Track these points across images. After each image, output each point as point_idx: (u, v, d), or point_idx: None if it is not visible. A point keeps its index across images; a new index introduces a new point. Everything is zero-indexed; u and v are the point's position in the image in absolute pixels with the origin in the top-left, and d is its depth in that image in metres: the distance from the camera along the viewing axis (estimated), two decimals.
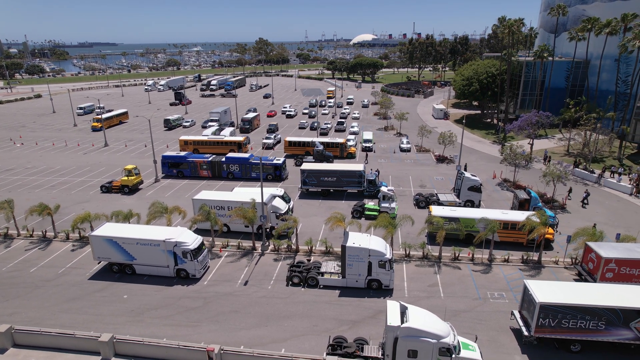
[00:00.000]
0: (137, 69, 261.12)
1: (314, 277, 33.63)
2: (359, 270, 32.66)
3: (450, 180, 58.12)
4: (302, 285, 33.85)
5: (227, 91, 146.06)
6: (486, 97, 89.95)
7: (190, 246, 33.83)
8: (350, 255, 32.33)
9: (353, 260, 32.42)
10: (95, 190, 55.54)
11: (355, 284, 33.23)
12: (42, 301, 32.66)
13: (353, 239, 33.16)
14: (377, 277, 32.73)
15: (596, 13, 79.03)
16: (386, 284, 32.92)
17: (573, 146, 69.32)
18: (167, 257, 34.01)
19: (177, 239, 34.02)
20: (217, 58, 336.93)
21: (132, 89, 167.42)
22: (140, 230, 35.79)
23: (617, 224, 43.65)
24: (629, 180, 54.72)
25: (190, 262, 34.01)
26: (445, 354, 22.75)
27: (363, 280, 33.01)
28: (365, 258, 32.19)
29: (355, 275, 32.90)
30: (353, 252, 32.27)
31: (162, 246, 33.82)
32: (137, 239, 34.17)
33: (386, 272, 32.48)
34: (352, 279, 33.12)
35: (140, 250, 34.22)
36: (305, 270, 34.36)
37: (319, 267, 34.89)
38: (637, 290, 27.13)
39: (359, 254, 32.22)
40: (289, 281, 34.32)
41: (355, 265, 32.54)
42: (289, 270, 34.68)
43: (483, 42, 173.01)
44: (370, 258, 32.15)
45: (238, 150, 69.77)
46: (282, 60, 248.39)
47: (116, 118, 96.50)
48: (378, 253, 32.21)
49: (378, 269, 32.40)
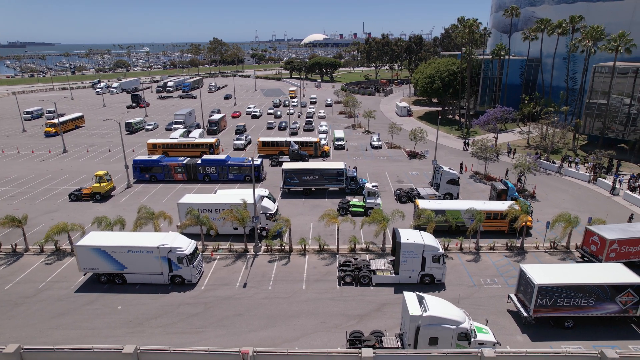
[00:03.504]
0: (83, 71, 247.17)
1: (367, 275, 33.56)
2: (412, 266, 32.90)
3: (425, 175, 60.17)
4: (355, 284, 33.69)
5: (186, 92, 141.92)
6: (448, 94, 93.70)
7: (186, 251, 32.86)
8: (405, 252, 32.48)
9: (407, 257, 32.58)
10: (62, 199, 52.24)
11: (408, 279, 33.40)
12: (26, 319, 30.44)
13: (406, 236, 33.29)
14: (431, 271, 33.11)
15: (544, 15, 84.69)
16: (439, 278, 33.35)
17: (532, 139, 73.94)
18: (161, 263, 32.81)
19: (171, 244, 32.90)
20: (167, 59, 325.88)
21: (81, 91, 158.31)
22: (130, 238, 34.22)
23: (583, 209, 47.12)
24: (585, 169, 59.24)
25: (186, 267, 33.02)
26: (463, 339, 23.75)
27: (416, 276, 33.22)
28: (419, 253, 32.47)
29: (409, 271, 33.11)
30: (408, 249, 32.44)
31: (155, 253, 32.58)
32: (127, 246, 32.68)
33: (439, 267, 32.98)
34: (406, 275, 33.27)
35: (132, 259, 32.75)
36: (356, 269, 34.20)
37: (368, 265, 34.88)
38: (619, 268, 29.72)
39: (414, 250, 32.43)
40: (341, 280, 33.97)
41: (409, 261, 32.75)
42: (340, 270, 34.38)
43: (437, 42, 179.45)
44: (424, 253, 32.50)
45: (210, 152, 68.22)
46: (238, 60, 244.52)
47: (71, 122, 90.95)
48: (432, 248, 32.61)
49: (432, 264, 32.80)
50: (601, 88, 67.97)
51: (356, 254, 38.78)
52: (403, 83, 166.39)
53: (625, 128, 67.27)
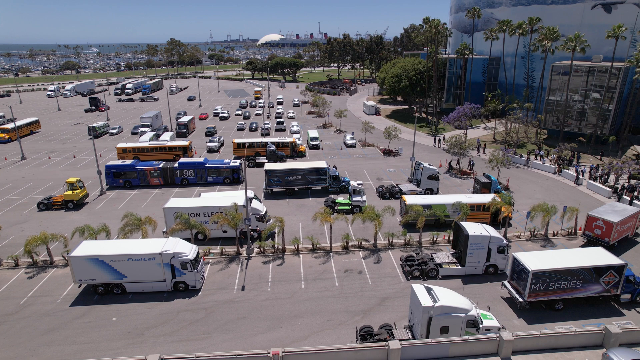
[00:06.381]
0: (28, 73, 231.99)
1: (434, 268, 34.33)
2: (478, 257, 33.95)
3: (402, 171, 61.68)
4: (423, 278, 34.38)
5: (147, 95, 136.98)
6: (415, 92, 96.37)
7: (189, 256, 31.96)
8: (473, 244, 33.45)
9: (475, 249, 33.59)
10: (30, 209, 49.11)
11: (474, 271, 34.50)
12: (12, 338, 28.50)
13: (472, 229, 34.24)
14: (495, 262, 34.24)
15: (502, 16, 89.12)
16: (502, 268, 34.54)
17: (498, 134, 77.65)
18: (164, 270, 31.72)
19: (174, 250, 31.91)
20: (120, 60, 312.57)
21: (29, 94, 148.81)
22: (128, 245, 32.87)
23: (553, 198, 50.16)
24: (549, 161, 63.04)
25: (190, 273, 32.11)
26: (471, 326, 24.75)
27: (481, 267, 34.23)
28: (485, 245, 33.56)
29: (475, 262, 34.18)
30: (475, 241, 33.44)
31: (157, 259, 31.44)
32: (127, 254, 31.32)
33: (503, 257, 34.13)
34: (472, 267, 34.33)
35: (132, 267, 31.43)
36: (422, 263, 34.82)
37: (432, 259, 35.59)
38: (600, 251, 32.03)
39: (481, 242, 33.49)
40: (409, 275, 34.69)
41: (476, 253, 33.79)
42: (405, 264, 35.24)
43: (396, 41, 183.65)
44: (490, 245, 33.57)
45: (183, 155, 66.42)
46: (196, 61, 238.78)
47: (26, 127, 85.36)
48: (497, 239, 33.79)
49: (497, 255, 33.95)
50: (559, 85, 72.51)
51: (349, 251, 39.26)
52: (366, 82, 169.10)
53: (580, 122, 72.19)
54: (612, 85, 67.43)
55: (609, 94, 67.88)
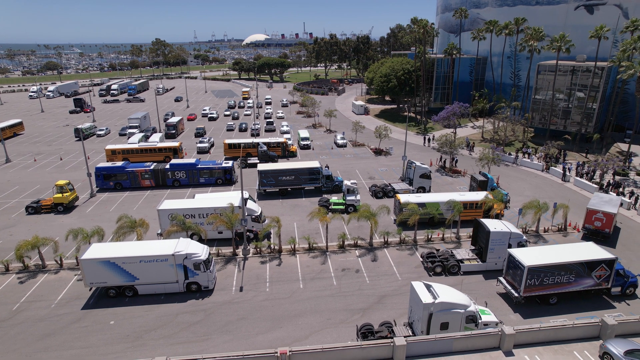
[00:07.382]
0: (7, 73, 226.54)
1: (456, 264, 34.82)
2: (499, 253, 34.40)
3: (394, 170, 62.18)
4: (445, 274, 34.84)
5: (132, 96, 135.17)
6: (404, 92, 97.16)
7: (202, 257, 31.88)
8: (494, 240, 34.04)
9: (495, 245, 34.18)
10: (18, 212, 48.10)
11: (494, 266, 34.97)
12: (7, 344, 27.94)
13: (493, 225, 34.74)
14: None
15: (488, 16, 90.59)
16: None
17: (486, 133, 78.82)
18: (177, 271, 31.58)
19: (187, 250, 31.78)
20: (104, 61, 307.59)
21: (10, 95, 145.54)
22: (139, 247, 32.62)
23: (543, 195, 51.08)
24: (537, 159, 64.29)
25: (203, 273, 32.01)
26: (470, 322, 25.17)
27: (502, 263, 34.34)
28: (506, 241, 34.12)
29: (495, 258, 34.69)
30: (496, 237, 34.04)
31: (170, 260, 31.29)
32: (139, 256, 31.07)
33: None
34: (492, 262, 34.87)
35: (144, 269, 31.19)
36: (443, 260, 35.18)
37: (453, 255, 35.96)
38: (591, 246, 32.85)
39: (501, 238, 34.12)
40: (431, 272, 35.13)
41: (497, 249, 34.33)
42: (427, 261, 35.59)
43: (383, 41, 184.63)
44: (510, 240, 34.16)
45: (174, 156, 65.80)
46: (182, 62, 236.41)
47: (9, 129, 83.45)
48: (517, 235, 34.44)
49: None
50: (544, 85, 73.96)
51: (345, 250, 39.47)
52: (353, 82, 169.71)
53: (565, 121, 73.78)
54: (595, 84, 69.10)
55: (592, 93, 69.55)
